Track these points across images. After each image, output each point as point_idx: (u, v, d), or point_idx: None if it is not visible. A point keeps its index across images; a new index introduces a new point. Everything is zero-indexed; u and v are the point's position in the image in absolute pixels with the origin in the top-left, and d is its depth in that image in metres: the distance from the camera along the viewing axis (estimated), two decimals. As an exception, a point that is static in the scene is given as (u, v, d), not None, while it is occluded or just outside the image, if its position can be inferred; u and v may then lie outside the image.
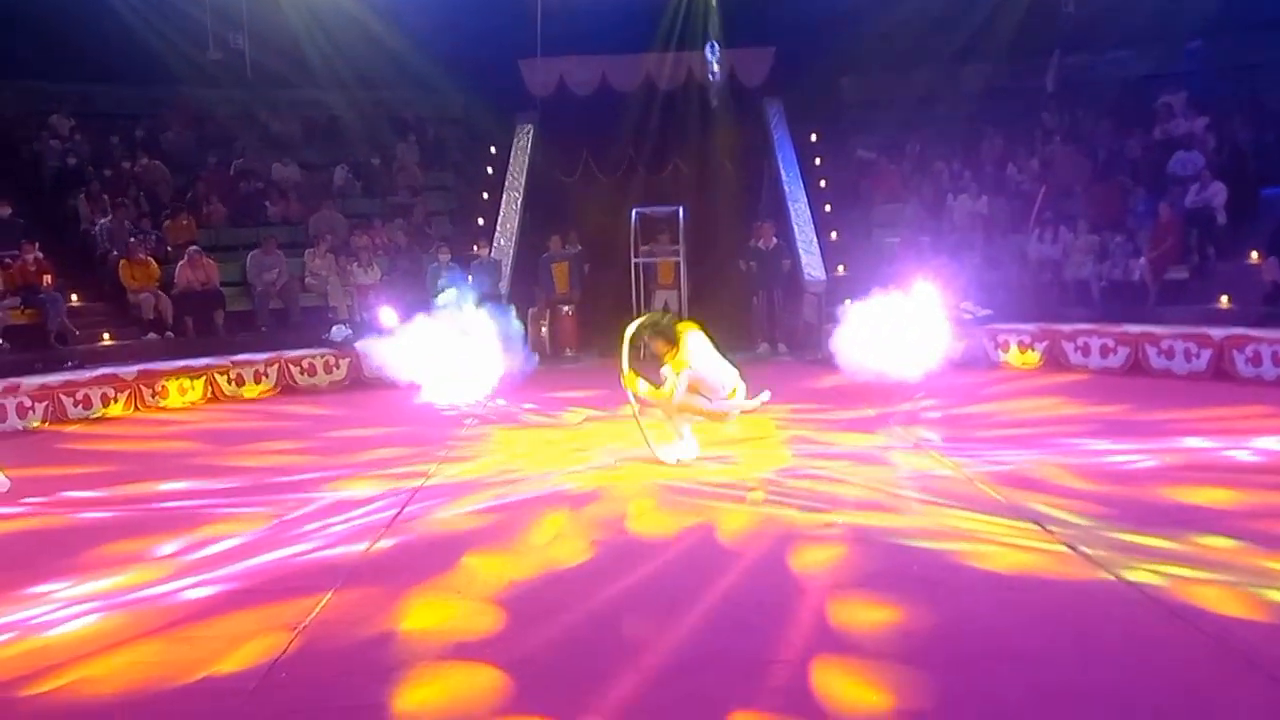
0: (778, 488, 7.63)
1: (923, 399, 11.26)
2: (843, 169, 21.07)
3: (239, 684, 4.45)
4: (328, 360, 15.20)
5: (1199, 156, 16.34)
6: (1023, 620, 4.88)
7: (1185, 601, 4.92)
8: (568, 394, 12.93)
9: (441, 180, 21.46)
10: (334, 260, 17.27)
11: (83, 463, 9.94)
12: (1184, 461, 8.04)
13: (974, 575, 5.51)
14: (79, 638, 5.10)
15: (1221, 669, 4.25)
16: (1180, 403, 10.63)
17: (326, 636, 4.98)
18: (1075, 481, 7.49)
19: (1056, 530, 6.16)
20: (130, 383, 13.33)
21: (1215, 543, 5.79)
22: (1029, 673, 4.29)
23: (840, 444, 9.26)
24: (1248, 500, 6.78)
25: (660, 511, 7.19)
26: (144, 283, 15.77)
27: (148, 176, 18.58)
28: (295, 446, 10.46)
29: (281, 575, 6.02)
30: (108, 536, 6.99)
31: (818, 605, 5.10)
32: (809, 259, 17.50)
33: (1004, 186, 18.30)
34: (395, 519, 7.17)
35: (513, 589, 5.60)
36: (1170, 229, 15.05)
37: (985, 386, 12.33)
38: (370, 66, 20.57)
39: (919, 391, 11.60)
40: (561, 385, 13.89)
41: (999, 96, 20.67)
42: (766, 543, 6.25)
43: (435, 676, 4.48)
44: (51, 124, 18.60)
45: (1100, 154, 18.09)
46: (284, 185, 19.38)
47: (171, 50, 19.52)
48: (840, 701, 4.09)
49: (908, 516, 6.70)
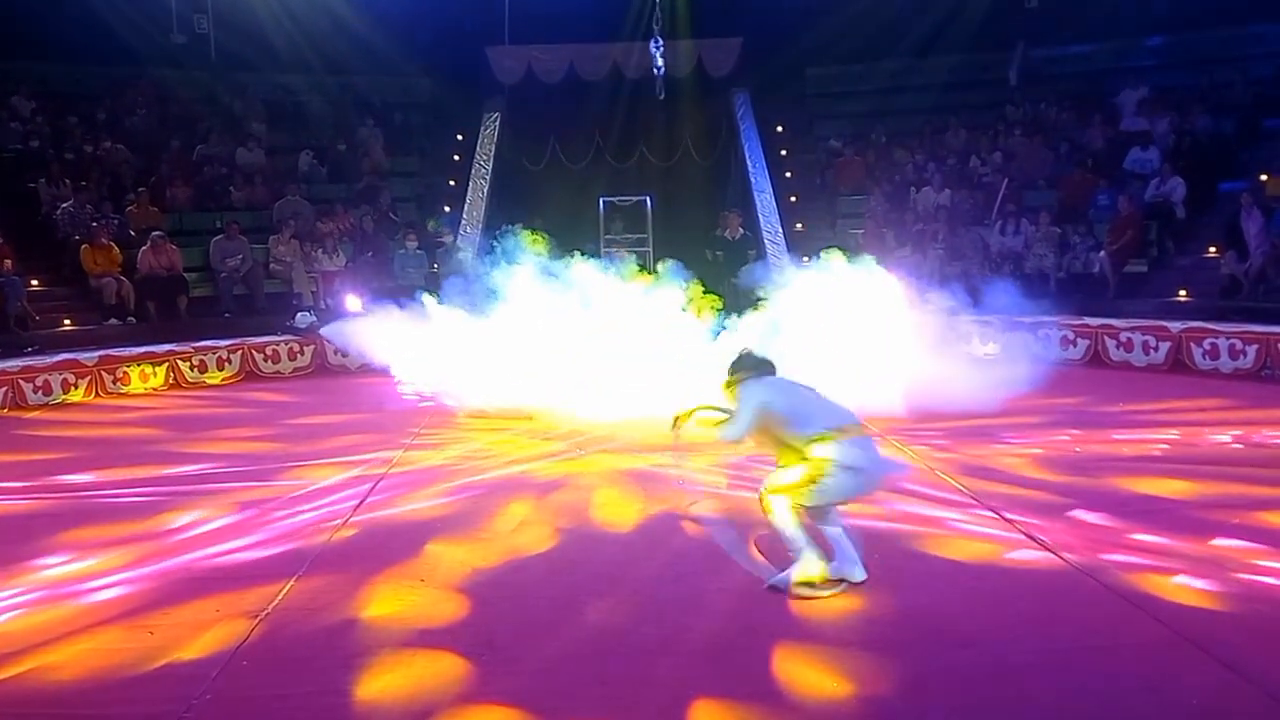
0: (742, 476, 7.67)
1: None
2: (808, 160, 21.16)
3: (201, 671, 4.44)
4: (292, 347, 15.11)
5: (1155, 154, 16.52)
6: (983, 608, 4.96)
7: (1142, 590, 5.00)
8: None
9: (407, 166, 21.33)
10: (299, 246, 17.14)
11: (43, 449, 9.83)
12: (1142, 453, 8.16)
13: (935, 563, 5.58)
14: (38, 625, 5.06)
15: (1177, 657, 4.34)
16: (1139, 395, 10.76)
17: (289, 624, 4.98)
18: (1035, 471, 7.59)
19: (1016, 519, 6.24)
20: (91, 368, 13.19)
21: (1172, 533, 5.89)
22: (988, 659, 4.36)
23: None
24: (1204, 491, 6.89)
25: (624, 499, 7.23)
26: (106, 267, 15.59)
27: (110, 159, 18.35)
28: (258, 433, 10.41)
29: (244, 562, 6.00)
30: (67, 523, 6.92)
31: (780, 592, 5.14)
32: (774, 249, 17.55)
33: (967, 178, 18.43)
34: (359, 506, 7.16)
35: (476, 576, 5.61)
36: (1130, 222, 15.23)
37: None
38: (336, 51, 20.39)
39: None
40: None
41: (962, 88, 20.82)
42: (730, 530, 6.29)
43: (398, 664, 4.49)
44: (12, 105, 18.32)
45: (1062, 147, 18.27)
46: (248, 170, 19.19)
47: (135, 32, 19.24)
48: (803, 687, 4.14)
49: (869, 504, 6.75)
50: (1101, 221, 16.03)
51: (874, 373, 9.22)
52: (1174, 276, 14.63)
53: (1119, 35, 19.72)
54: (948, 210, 17.46)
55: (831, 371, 7.87)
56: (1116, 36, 19.77)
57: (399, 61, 20.87)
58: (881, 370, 9.37)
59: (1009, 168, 18.05)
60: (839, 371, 8.21)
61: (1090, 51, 20.23)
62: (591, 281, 10.99)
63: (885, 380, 9.34)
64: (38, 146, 17.89)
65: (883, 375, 9.34)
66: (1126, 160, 16.80)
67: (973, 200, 17.76)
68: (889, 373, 9.46)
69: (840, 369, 8.42)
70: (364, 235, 18.04)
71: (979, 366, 10.66)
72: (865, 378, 8.91)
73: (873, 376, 9.12)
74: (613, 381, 10.06)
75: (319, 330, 14.84)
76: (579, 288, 10.90)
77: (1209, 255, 14.50)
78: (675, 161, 21.93)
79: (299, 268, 16.87)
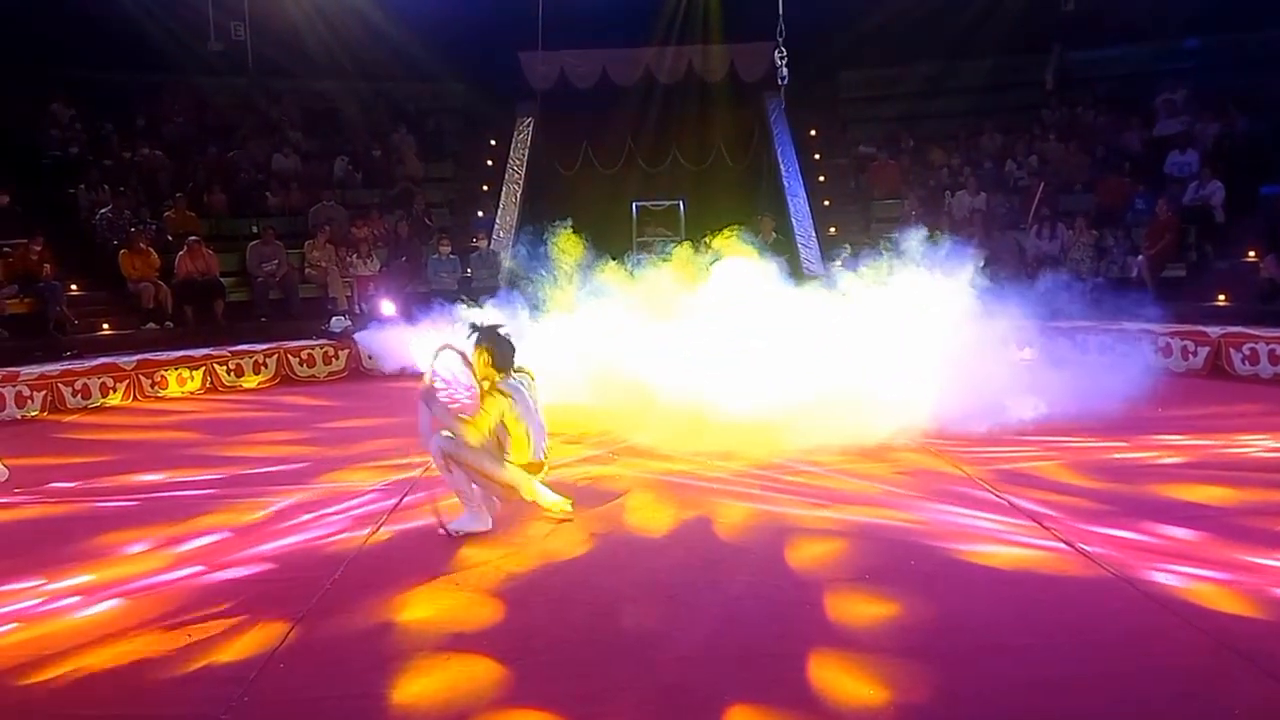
0: (776, 481, 7.64)
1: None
2: (841, 164, 21.10)
3: (238, 673, 4.46)
4: (327, 351, 15.20)
5: (1193, 157, 16.36)
6: (1020, 616, 4.90)
7: (1183, 599, 4.93)
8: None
9: (441, 172, 21.46)
10: (333, 251, 17.28)
11: (81, 452, 9.94)
12: (1181, 459, 8.06)
13: (972, 571, 5.52)
14: (77, 627, 5.10)
15: (1219, 666, 4.27)
16: (1177, 400, 10.64)
17: (325, 626, 4.99)
18: (1073, 478, 7.50)
19: (1054, 527, 6.18)
20: (129, 372, 13.32)
21: (1213, 540, 5.81)
22: (1026, 668, 4.31)
23: (839, 438, 9.19)
24: (1244, 498, 6.80)
25: (658, 504, 7.20)
26: (144, 272, 15.76)
27: (148, 166, 18.56)
28: (294, 437, 10.47)
29: (280, 565, 6.03)
30: (106, 526, 6.98)
31: (815, 599, 5.12)
32: (807, 253, 17.51)
33: (1002, 182, 18.31)
34: (394, 509, 7.18)
35: (511, 580, 5.61)
36: (1168, 226, 15.09)
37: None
38: (371, 57, 20.60)
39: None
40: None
41: (998, 92, 20.70)
42: (765, 536, 6.26)
43: (433, 667, 4.49)
44: (51, 112, 18.55)
45: (1099, 150, 18.12)
46: (284, 175, 19.37)
47: (172, 39, 19.53)
48: (838, 695, 4.11)
49: (905, 511, 6.71)
50: (1139, 225, 15.89)
51: (919, 377, 9.09)
52: (1213, 281, 14.47)
53: (1157, 38, 19.58)
54: (983, 214, 17.36)
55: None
56: (1154, 39, 19.63)
57: (433, 67, 21.05)
58: (924, 375, 9.22)
59: (1045, 171, 17.94)
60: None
61: (1127, 54, 20.10)
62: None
63: (925, 386, 9.18)
64: (77, 153, 18.16)
65: (925, 380, 9.19)
66: (1166, 164, 16.64)
67: (1009, 204, 17.67)
68: (932, 377, 9.28)
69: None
70: (398, 240, 18.16)
71: (1017, 371, 10.53)
72: (910, 382, 8.87)
73: (916, 381, 9.02)
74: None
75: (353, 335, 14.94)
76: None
77: (1248, 259, 14.33)
78: (708, 165, 21.97)
79: (334, 272, 17.01)
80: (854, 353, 9.18)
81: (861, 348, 9.20)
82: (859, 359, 9.09)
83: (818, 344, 9.34)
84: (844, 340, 9.34)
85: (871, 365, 9.01)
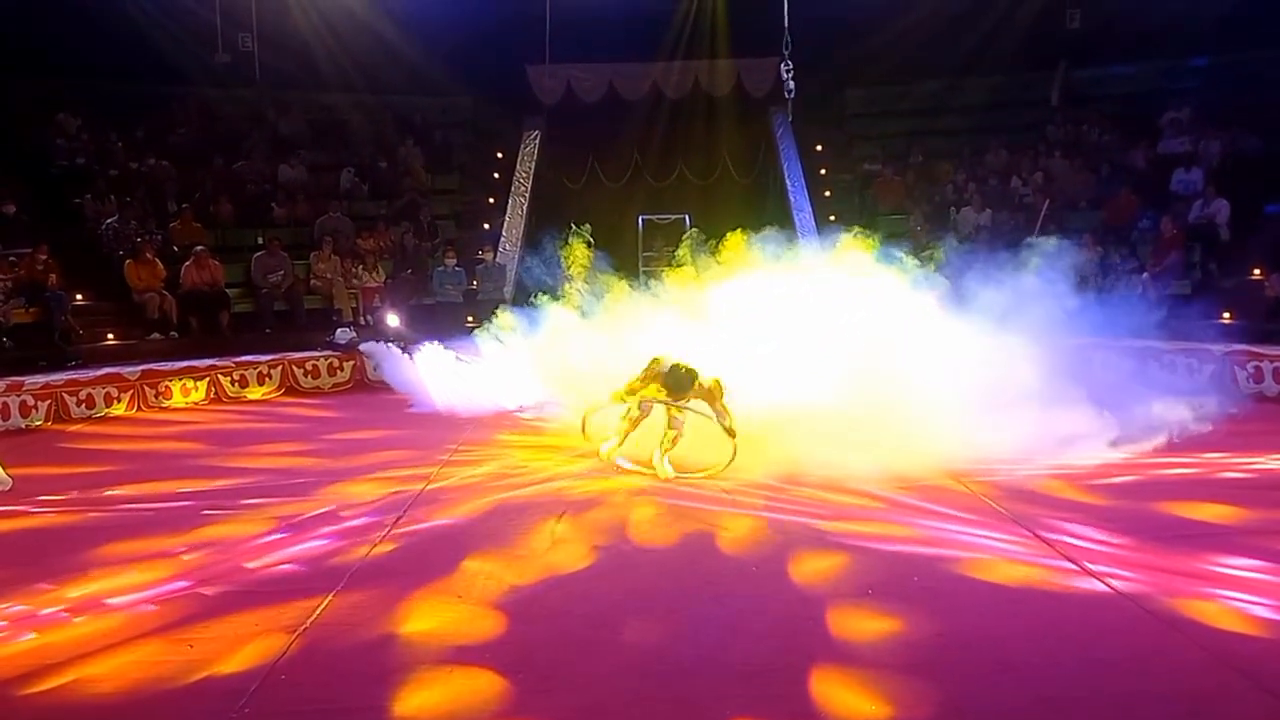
0: (779, 495, 7.63)
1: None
2: (847, 180, 21.11)
3: (239, 685, 4.46)
4: (331, 362, 15.20)
5: (1199, 175, 16.36)
6: (1023, 632, 4.89)
7: (1185, 616, 4.93)
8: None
9: (447, 184, 21.48)
10: (339, 262, 17.29)
11: (85, 462, 9.93)
12: (1186, 477, 8.04)
13: (975, 587, 5.52)
14: (79, 637, 5.10)
15: (1220, 684, 4.26)
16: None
17: (327, 639, 4.99)
18: (1077, 495, 7.49)
19: (1058, 543, 6.17)
20: (134, 382, 13.33)
21: (1215, 558, 5.80)
22: (1029, 684, 4.31)
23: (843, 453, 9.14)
24: (1249, 516, 6.79)
25: (661, 518, 7.20)
26: (149, 283, 15.77)
27: (154, 176, 18.59)
28: (298, 448, 10.46)
29: (282, 577, 6.03)
30: (109, 536, 6.98)
31: (818, 614, 5.11)
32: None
33: (1008, 199, 18.32)
34: (397, 522, 7.18)
35: (513, 593, 5.60)
36: (1173, 244, 15.08)
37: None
38: (378, 70, 20.62)
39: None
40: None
41: (1003, 109, 20.72)
42: (767, 551, 6.26)
43: (435, 680, 4.49)
44: (58, 122, 18.59)
45: (1104, 168, 18.13)
46: (290, 187, 19.39)
47: (180, 51, 19.53)
48: (840, 709, 4.10)
49: (908, 527, 6.70)
50: (1144, 243, 15.88)
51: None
52: (1218, 298, 14.45)
53: (1162, 56, 19.59)
54: (988, 230, 17.36)
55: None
56: (1160, 57, 19.65)
57: (440, 80, 21.07)
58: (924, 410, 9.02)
59: (1050, 188, 17.94)
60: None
61: (1133, 72, 20.13)
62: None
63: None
64: (83, 163, 18.16)
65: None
66: (1171, 182, 16.64)
67: (1014, 221, 17.65)
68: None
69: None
70: (404, 252, 18.18)
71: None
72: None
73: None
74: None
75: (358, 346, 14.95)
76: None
77: (1254, 277, 14.32)
78: (714, 180, 22.00)
79: (339, 284, 17.02)
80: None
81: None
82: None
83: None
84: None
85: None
